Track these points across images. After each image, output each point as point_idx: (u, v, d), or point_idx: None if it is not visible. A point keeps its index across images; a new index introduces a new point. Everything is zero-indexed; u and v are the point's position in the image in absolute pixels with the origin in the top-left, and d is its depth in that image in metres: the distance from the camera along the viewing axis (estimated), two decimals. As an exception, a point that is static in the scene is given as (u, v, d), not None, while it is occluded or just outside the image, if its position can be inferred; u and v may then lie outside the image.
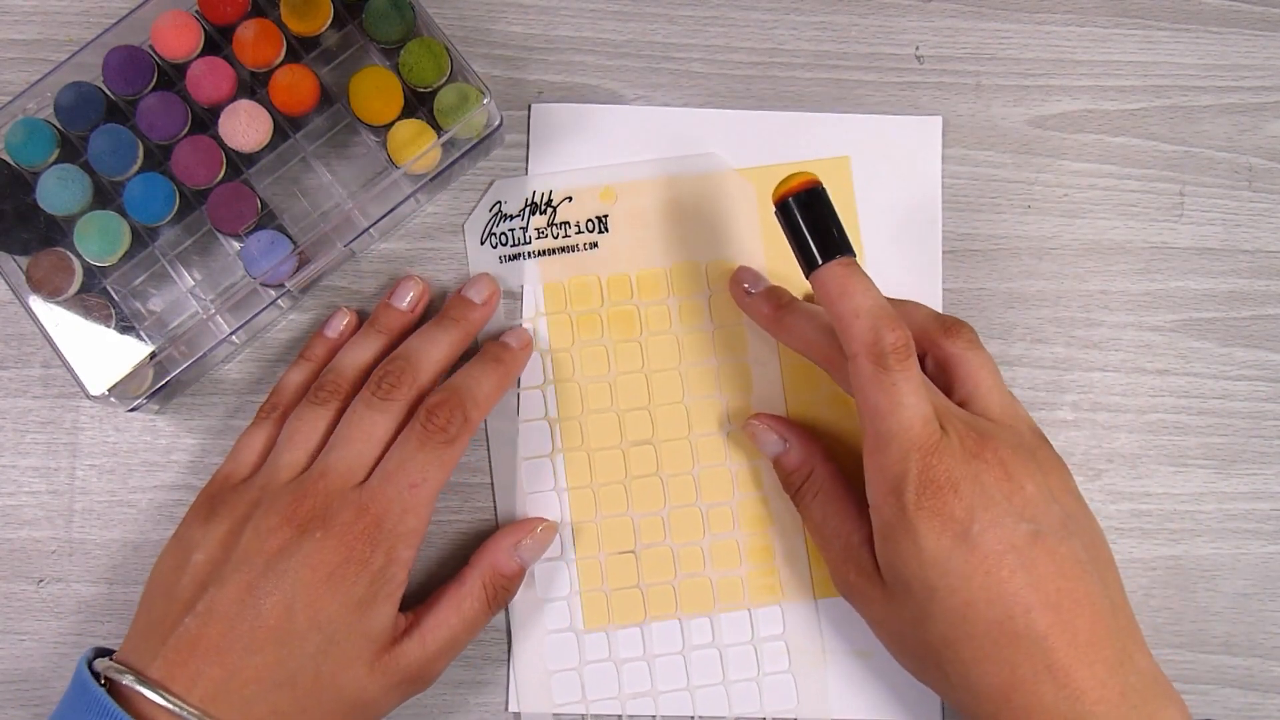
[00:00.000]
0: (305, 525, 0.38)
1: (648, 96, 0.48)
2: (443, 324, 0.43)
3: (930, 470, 0.36)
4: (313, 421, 0.41)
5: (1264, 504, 0.47)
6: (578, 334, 0.46)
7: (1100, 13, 0.49)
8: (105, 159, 0.42)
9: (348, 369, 0.42)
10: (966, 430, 0.38)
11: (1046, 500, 0.37)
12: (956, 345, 0.41)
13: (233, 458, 0.43)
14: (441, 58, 0.43)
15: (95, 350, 0.42)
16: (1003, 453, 0.37)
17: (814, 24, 0.48)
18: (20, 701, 0.44)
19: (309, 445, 0.41)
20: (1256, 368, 0.48)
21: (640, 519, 0.45)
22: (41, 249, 0.42)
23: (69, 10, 0.47)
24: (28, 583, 0.45)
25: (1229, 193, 0.48)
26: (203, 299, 0.44)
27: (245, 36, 0.43)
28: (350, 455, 0.40)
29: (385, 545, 0.39)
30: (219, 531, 0.39)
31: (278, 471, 0.40)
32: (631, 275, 0.46)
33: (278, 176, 0.45)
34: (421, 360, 0.42)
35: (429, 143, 0.43)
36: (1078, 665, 0.35)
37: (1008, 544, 0.36)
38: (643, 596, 0.45)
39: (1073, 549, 0.37)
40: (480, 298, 0.44)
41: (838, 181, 0.47)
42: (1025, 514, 0.37)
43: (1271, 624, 0.46)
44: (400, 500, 0.39)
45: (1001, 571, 0.36)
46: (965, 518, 0.36)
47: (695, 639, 0.45)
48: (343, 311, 0.45)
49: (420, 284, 0.45)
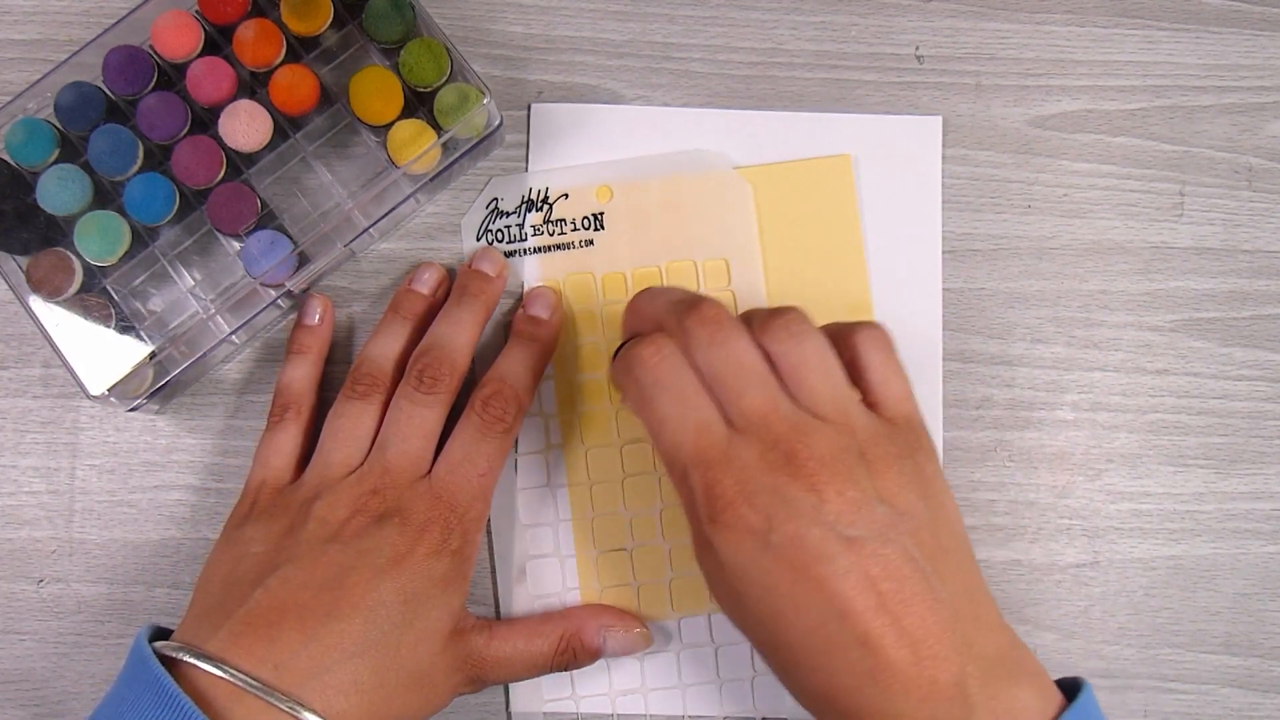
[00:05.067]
0: (381, 515, 0.39)
1: (648, 96, 0.48)
2: (464, 303, 0.44)
3: (715, 485, 0.34)
4: (357, 417, 0.41)
5: (1264, 504, 0.47)
6: (575, 332, 0.46)
7: (1100, 13, 0.49)
8: (105, 159, 0.42)
9: (383, 359, 0.43)
10: (775, 437, 0.35)
11: (869, 502, 0.34)
12: (774, 340, 0.37)
13: (261, 464, 0.42)
14: (441, 58, 0.43)
15: (95, 350, 0.42)
16: (814, 460, 0.34)
17: (814, 24, 0.48)
18: (20, 701, 0.44)
19: (360, 441, 0.41)
20: (1256, 368, 0.48)
21: (634, 517, 0.45)
22: (41, 249, 0.42)
23: (69, 10, 0.47)
24: (28, 583, 0.45)
25: (1229, 193, 0.48)
26: (203, 299, 0.44)
27: (245, 36, 0.43)
28: (411, 450, 0.40)
29: (460, 529, 0.40)
30: (277, 527, 0.39)
31: (330, 469, 0.40)
32: (627, 273, 0.46)
33: (278, 176, 0.45)
34: (454, 346, 0.42)
35: (429, 143, 0.43)
36: (904, 665, 0.33)
37: (816, 553, 0.33)
38: (635, 595, 0.45)
39: (900, 548, 0.34)
40: (494, 270, 0.45)
41: (839, 180, 0.47)
42: (840, 521, 0.34)
43: (1271, 624, 0.46)
44: (469, 488, 0.40)
45: (808, 581, 0.33)
46: (762, 528, 0.34)
47: (689, 637, 0.45)
48: (315, 298, 0.45)
49: (440, 268, 0.45)
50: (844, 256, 0.47)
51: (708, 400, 0.36)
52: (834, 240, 0.47)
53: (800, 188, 0.47)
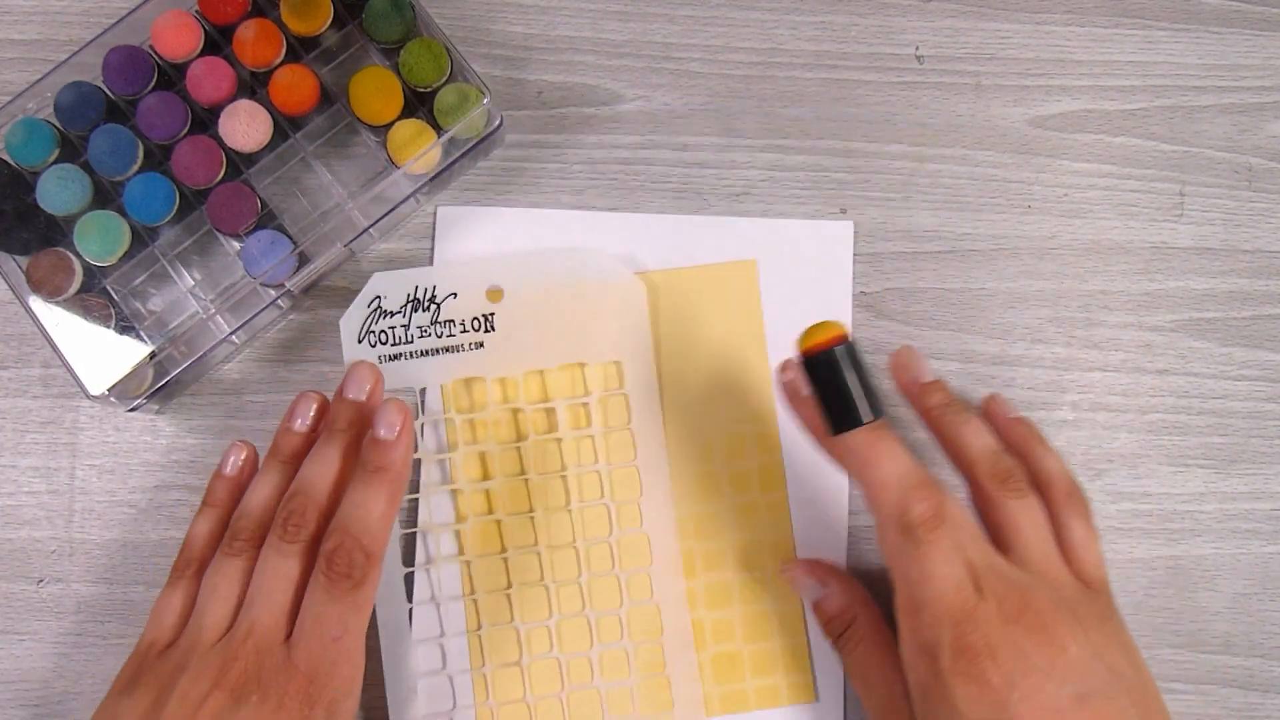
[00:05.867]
0: (239, 691, 0.37)
1: (648, 96, 0.48)
2: (332, 438, 0.41)
3: (964, 639, 0.35)
4: (229, 574, 0.39)
5: (1264, 504, 0.47)
6: (462, 438, 0.45)
7: (1100, 13, 0.49)
8: (105, 159, 0.42)
9: (255, 510, 0.40)
10: (1007, 591, 0.36)
11: (1090, 660, 0.36)
12: (1001, 491, 0.39)
13: (153, 623, 0.40)
14: (441, 58, 0.43)
15: (95, 350, 0.42)
16: (1043, 614, 0.36)
17: (814, 24, 0.48)
18: (20, 701, 0.44)
19: (230, 600, 0.39)
20: (1256, 368, 0.48)
21: (526, 629, 0.44)
22: (41, 249, 0.42)
23: (69, 10, 0.47)
24: (28, 583, 0.45)
25: (1229, 193, 0.48)
26: (202, 299, 0.44)
27: (245, 36, 0.43)
28: (273, 607, 0.38)
29: (324, 701, 0.37)
30: (143, 704, 0.37)
31: (201, 632, 0.38)
32: (519, 377, 0.45)
33: (278, 176, 0.45)
34: (319, 487, 0.40)
35: (429, 143, 0.43)
36: None
37: (1050, 708, 0.35)
38: (530, 712, 0.43)
39: (1119, 707, 0.36)
40: (363, 393, 0.42)
41: (743, 284, 0.46)
42: (1068, 677, 0.35)
43: (1271, 624, 0.46)
44: (326, 655, 0.37)
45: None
46: (1003, 686, 0.35)
47: None
48: (237, 445, 0.43)
49: (316, 400, 0.43)
50: (748, 360, 0.46)
51: (964, 560, 0.37)
52: (738, 343, 0.46)
53: (705, 292, 0.46)
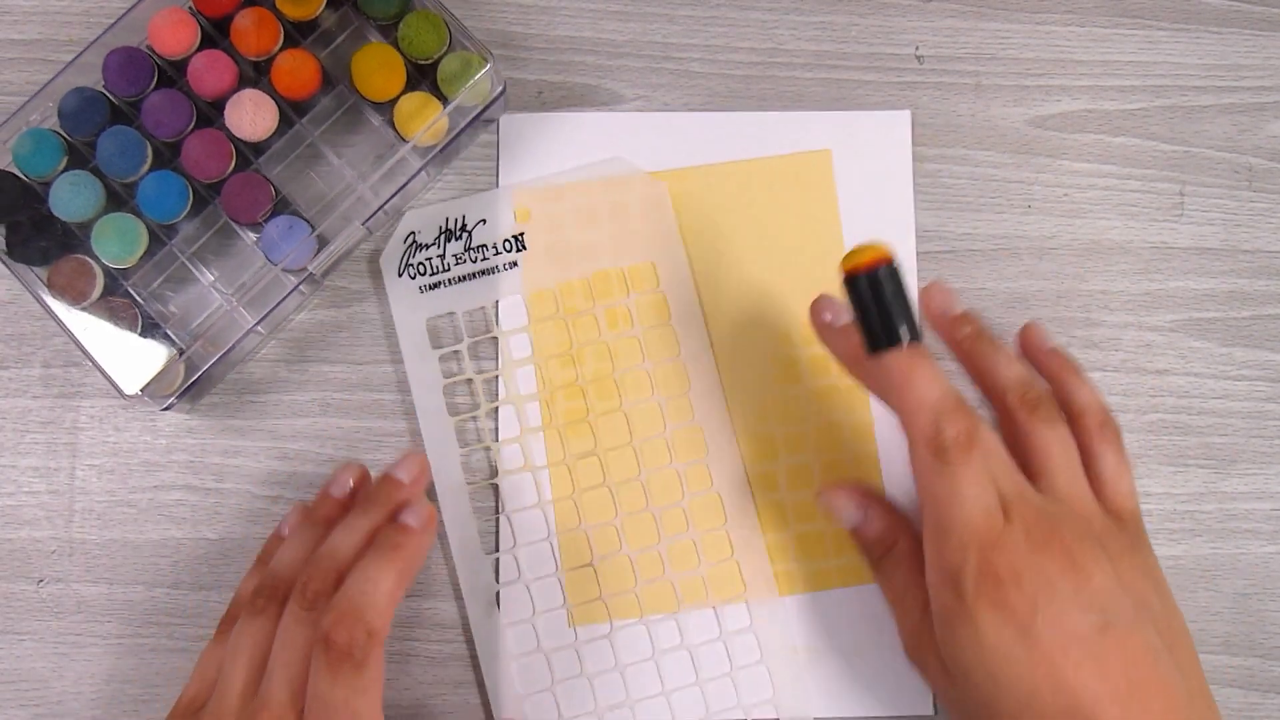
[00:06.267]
0: None
1: (648, 96, 0.48)
2: (366, 508, 0.40)
3: (989, 564, 0.36)
4: (251, 633, 0.38)
5: (1264, 504, 0.47)
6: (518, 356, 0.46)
7: (1100, 13, 0.49)
8: (115, 161, 0.42)
9: (283, 569, 0.40)
10: (1035, 518, 0.36)
11: (1115, 589, 0.36)
12: (1031, 419, 0.39)
13: (196, 677, 0.40)
14: (440, 28, 0.43)
15: (125, 351, 0.42)
16: (1070, 543, 0.36)
17: (814, 24, 0.48)
18: (20, 701, 0.44)
19: (253, 662, 0.38)
20: (1256, 368, 0.48)
21: (593, 530, 0.45)
22: (61, 256, 0.42)
23: (69, 10, 0.47)
24: (28, 583, 0.45)
25: (1229, 193, 0.48)
26: (224, 292, 0.44)
27: (243, 26, 0.43)
28: (293, 677, 0.37)
29: None
30: None
31: (227, 698, 0.38)
32: (555, 289, 0.46)
33: (288, 163, 0.45)
34: (342, 554, 0.39)
35: (435, 113, 0.43)
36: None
37: (1073, 635, 0.35)
38: (607, 609, 0.45)
39: (1145, 637, 0.36)
40: (409, 476, 0.41)
41: (819, 175, 0.47)
42: (1093, 605, 0.36)
43: (1271, 624, 0.46)
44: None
45: (1067, 663, 0.35)
46: (1027, 610, 0.35)
47: (663, 643, 0.45)
48: (298, 507, 0.43)
49: (357, 471, 0.43)
50: (822, 249, 0.47)
51: (994, 486, 0.37)
52: (813, 233, 0.47)
53: (780, 182, 0.47)
